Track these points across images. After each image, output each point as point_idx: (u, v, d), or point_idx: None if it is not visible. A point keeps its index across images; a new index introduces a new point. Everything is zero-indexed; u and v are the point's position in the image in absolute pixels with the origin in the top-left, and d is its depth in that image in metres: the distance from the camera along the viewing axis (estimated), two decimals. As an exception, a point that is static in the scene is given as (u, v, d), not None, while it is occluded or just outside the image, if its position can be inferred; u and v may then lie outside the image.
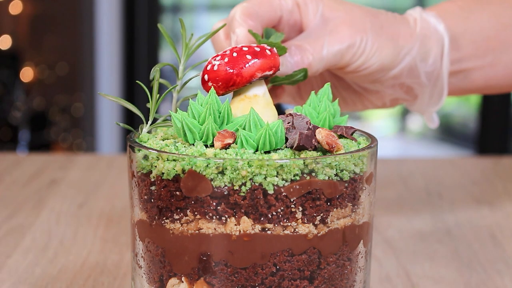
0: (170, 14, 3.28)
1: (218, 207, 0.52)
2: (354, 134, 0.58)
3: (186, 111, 0.55)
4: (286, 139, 0.54)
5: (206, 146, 0.54)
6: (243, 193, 0.51)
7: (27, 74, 2.65)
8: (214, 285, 0.53)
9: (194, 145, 0.54)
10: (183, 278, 0.54)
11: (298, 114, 0.56)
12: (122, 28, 2.80)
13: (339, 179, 0.53)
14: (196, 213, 0.52)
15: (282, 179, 0.51)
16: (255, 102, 0.57)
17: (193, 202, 0.52)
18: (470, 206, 0.95)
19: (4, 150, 2.54)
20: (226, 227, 0.52)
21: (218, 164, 0.51)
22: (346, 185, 0.54)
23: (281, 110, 0.62)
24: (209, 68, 0.58)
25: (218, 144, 0.53)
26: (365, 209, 0.56)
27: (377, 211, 0.89)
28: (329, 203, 0.53)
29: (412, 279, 0.72)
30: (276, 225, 0.52)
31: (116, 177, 1.07)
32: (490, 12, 0.78)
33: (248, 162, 0.51)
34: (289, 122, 0.55)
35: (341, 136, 0.57)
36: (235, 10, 0.67)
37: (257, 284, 0.53)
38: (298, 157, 0.52)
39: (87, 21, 2.72)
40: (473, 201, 0.98)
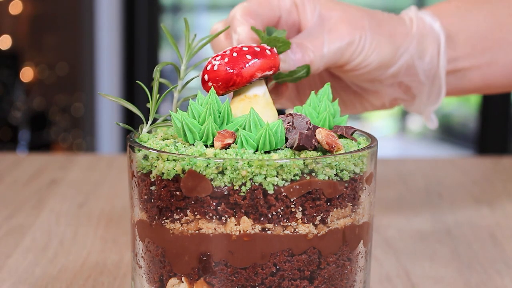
0: (170, 14, 3.28)
1: (218, 207, 0.52)
2: (354, 134, 0.58)
3: (186, 111, 0.55)
4: (286, 139, 0.54)
5: (206, 146, 0.54)
6: (243, 193, 0.51)
7: (27, 74, 2.65)
8: (214, 285, 0.53)
9: (194, 145, 0.54)
10: (183, 278, 0.54)
11: (298, 114, 0.56)
12: (122, 28, 2.80)
13: (339, 179, 0.53)
14: (196, 213, 0.52)
15: (282, 179, 0.51)
16: (255, 102, 0.57)
17: (193, 202, 0.52)
18: (470, 206, 0.95)
19: (4, 150, 2.54)
20: (226, 227, 0.52)
21: (218, 164, 0.51)
22: (346, 185, 0.54)
23: (281, 110, 0.62)
24: (209, 68, 0.58)
25: (218, 144, 0.53)
26: (365, 209, 0.56)
27: (377, 211, 0.89)
28: (329, 203, 0.53)
29: (412, 279, 0.72)
30: (276, 225, 0.52)
31: (116, 177, 1.07)
32: (487, 11, 0.78)
33: (248, 162, 0.51)
34: (289, 122, 0.55)
35: (341, 136, 0.57)
36: (236, 10, 0.68)
37: (257, 284, 0.53)
38: (298, 157, 0.52)
39: (87, 21, 2.72)
40: (473, 201, 0.98)
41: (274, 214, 0.52)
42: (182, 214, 0.53)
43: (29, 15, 2.67)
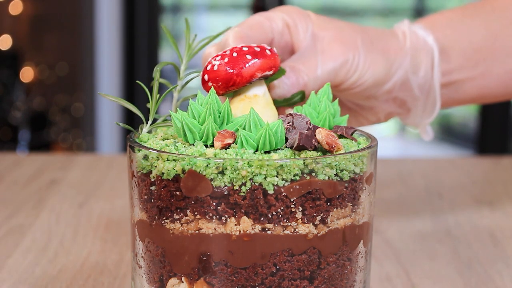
0: (170, 14, 3.29)
1: (218, 207, 0.52)
2: (354, 134, 0.58)
3: (186, 111, 0.55)
4: (286, 139, 0.54)
5: (206, 146, 0.54)
6: (243, 193, 0.51)
7: (27, 74, 2.65)
8: (214, 285, 0.53)
9: (194, 145, 0.54)
10: (183, 278, 0.54)
11: (298, 114, 0.56)
12: (122, 28, 2.80)
13: (339, 179, 0.53)
14: (196, 213, 0.52)
15: (282, 179, 0.51)
16: (255, 102, 0.57)
17: (193, 202, 0.52)
18: (470, 206, 0.95)
19: (4, 150, 2.54)
20: (226, 227, 0.52)
21: (218, 164, 0.51)
22: (346, 185, 0.54)
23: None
24: (209, 68, 0.58)
25: (218, 144, 0.53)
26: (365, 209, 0.56)
27: (377, 211, 0.89)
28: (329, 203, 0.53)
29: (412, 279, 0.72)
30: (276, 225, 0.52)
31: (116, 177, 1.07)
32: (480, 23, 0.77)
33: (248, 162, 0.51)
34: (289, 122, 0.55)
35: (341, 136, 0.57)
36: (228, 35, 0.67)
37: (257, 284, 0.53)
38: (298, 157, 0.52)
39: (87, 21, 2.72)
40: (473, 201, 0.98)
41: (274, 214, 0.52)
42: (182, 214, 0.53)
43: (29, 15, 2.67)
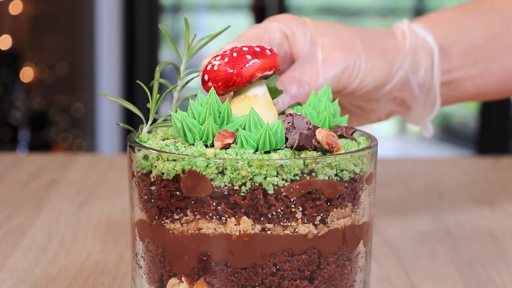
0: (170, 14, 3.29)
1: (218, 207, 0.52)
2: (354, 134, 0.58)
3: (186, 111, 0.55)
4: (286, 139, 0.54)
5: (206, 146, 0.54)
6: (243, 193, 0.51)
7: (27, 74, 2.65)
8: (214, 285, 0.53)
9: (194, 145, 0.54)
10: (183, 278, 0.54)
11: (298, 114, 0.56)
12: (122, 28, 2.80)
13: (339, 179, 0.53)
14: (196, 213, 0.52)
15: (282, 179, 0.51)
16: (255, 102, 0.57)
17: (193, 202, 0.52)
18: (470, 206, 0.95)
19: (4, 150, 2.54)
20: (226, 227, 0.52)
21: (218, 164, 0.51)
22: (346, 185, 0.54)
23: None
24: (209, 68, 0.58)
25: (218, 144, 0.53)
26: (365, 209, 0.56)
27: (377, 211, 0.89)
28: (329, 203, 0.53)
29: (412, 279, 0.72)
30: (276, 225, 0.52)
31: (116, 177, 1.07)
32: (480, 22, 0.77)
33: (248, 162, 0.51)
34: (289, 122, 0.55)
35: (341, 136, 0.57)
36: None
37: (257, 284, 0.53)
38: (298, 157, 0.52)
39: (87, 21, 2.72)
40: (473, 201, 0.98)
41: (274, 214, 0.52)
42: (182, 214, 0.53)
43: (29, 15, 2.67)
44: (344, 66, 0.69)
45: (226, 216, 0.52)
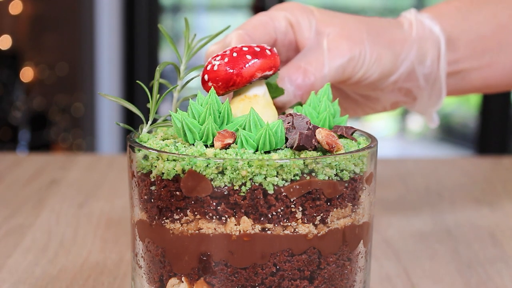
0: (170, 14, 3.28)
1: (218, 207, 0.52)
2: (354, 134, 0.58)
3: (186, 111, 0.55)
4: (286, 139, 0.54)
5: (206, 146, 0.54)
6: (243, 193, 0.51)
7: (27, 74, 2.65)
8: (214, 285, 0.53)
9: (194, 145, 0.54)
10: (183, 278, 0.54)
11: (298, 114, 0.56)
12: (122, 28, 2.80)
13: (339, 179, 0.53)
14: (196, 213, 0.52)
15: (282, 179, 0.51)
16: (255, 102, 0.57)
17: (193, 202, 0.52)
18: (470, 206, 0.95)
19: (4, 150, 2.54)
20: (226, 227, 0.52)
21: (218, 164, 0.51)
22: (346, 185, 0.54)
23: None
24: (209, 68, 0.58)
25: (218, 144, 0.53)
26: (365, 209, 0.56)
27: (377, 211, 0.89)
28: (329, 203, 0.53)
29: (412, 279, 0.72)
30: (276, 225, 0.52)
31: (116, 177, 1.07)
32: (487, 12, 0.77)
33: (248, 162, 0.51)
34: (289, 122, 0.55)
35: (341, 136, 0.57)
36: (230, 37, 0.66)
37: (257, 284, 0.53)
38: (298, 157, 0.52)
39: (87, 21, 2.72)
40: (473, 201, 0.98)
41: (274, 214, 0.52)
42: (182, 214, 0.53)
43: (29, 15, 2.67)
44: (349, 56, 0.68)
45: (226, 216, 0.52)
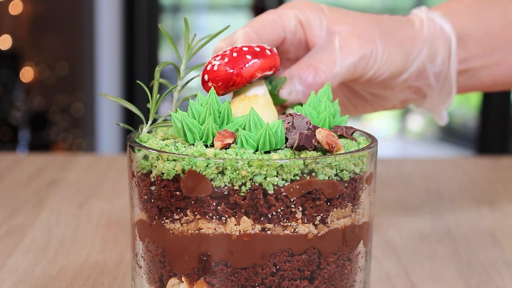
0: (170, 14, 3.28)
1: (218, 207, 0.52)
2: (354, 134, 0.58)
3: (186, 111, 0.55)
4: (286, 139, 0.54)
5: (206, 146, 0.54)
6: (243, 193, 0.51)
7: (27, 74, 2.65)
8: (214, 285, 0.53)
9: (194, 145, 0.54)
10: (183, 278, 0.54)
11: (298, 114, 0.56)
12: (122, 28, 2.80)
13: (339, 179, 0.53)
14: (196, 213, 0.52)
15: (282, 179, 0.51)
16: (255, 102, 0.57)
17: (193, 202, 0.52)
18: (470, 206, 0.95)
19: (4, 150, 2.54)
20: (226, 227, 0.52)
21: (218, 164, 0.51)
22: (346, 185, 0.54)
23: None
24: (209, 68, 0.58)
25: (218, 144, 0.53)
26: (365, 209, 0.56)
27: (377, 211, 0.89)
28: (329, 203, 0.53)
29: (412, 279, 0.72)
30: (276, 225, 0.52)
31: (116, 177, 1.07)
32: (497, 10, 0.77)
33: (248, 162, 0.51)
34: (289, 122, 0.55)
35: (341, 136, 0.57)
36: (237, 35, 0.66)
37: (257, 284, 0.53)
38: (298, 157, 0.52)
39: (87, 21, 2.72)
40: (473, 201, 0.97)
41: (274, 214, 0.52)
42: (182, 214, 0.53)
43: (29, 15, 2.67)
44: (361, 55, 0.68)
45: (226, 216, 0.52)
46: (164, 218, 0.54)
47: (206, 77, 0.58)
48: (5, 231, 0.84)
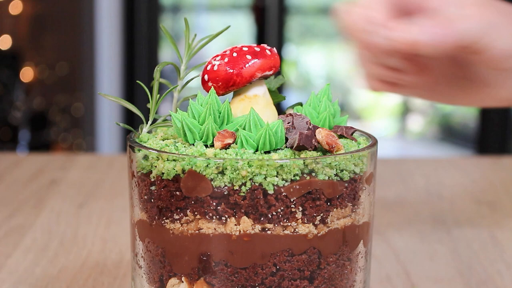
0: (170, 14, 3.28)
1: (218, 207, 0.52)
2: (354, 134, 0.58)
3: (186, 111, 0.55)
4: (286, 139, 0.54)
5: (206, 146, 0.54)
6: (243, 193, 0.51)
7: (27, 74, 2.65)
8: (214, 285, 0.53)
9: (194, 145, 0.54)
10: (183, 278, 0.54)
11: (298, 114, 0.56)
12: (122, 28, 2.80)
13: (339, 179, 0.53)
14: (196, 213, 0.52)
15: (282, 179, 0.51)
16: (255, 102, 0.57)
17: (193, 202, 0.52)
18: (470, 206, 0.95)
19: (4, 150, 2.54)
20: (226, 227, 0.52)
21: (218, 164, 0.51)
22: (346, 185, 0.54)
23: (281, 110, 0.61)
24: (209, 68, 0.58)
25: (218, 144, 0.53)
26: (365, 209, 0.56)
27: (377, 211, 0.89)
28: (329, 203, 0.53)
29: (412, 279, 0.72)
30: (276, 225, 0.52)
31: (116, 177, 1.07)
32: None
33: (248, 162, 0.51)
34: (289, 122, 0.55)
35: (341, 136, 0.57)
36: None
37: (257, 284, 0.53)
38: (298, 157, 0.52)
39: (87, 21, 2.72)
40: (473, 201, 0.97)
41: (274, 214, 0.52)
42: (182, 214, 0.53)
43: (29, 15, 2.67)
44: (481, 23, 0.68)
45: (226, 216, 0.52)
46: (164, 218, 0.54)
47: (206, 77, 0.58)
48: (5, 231, 0.84)
